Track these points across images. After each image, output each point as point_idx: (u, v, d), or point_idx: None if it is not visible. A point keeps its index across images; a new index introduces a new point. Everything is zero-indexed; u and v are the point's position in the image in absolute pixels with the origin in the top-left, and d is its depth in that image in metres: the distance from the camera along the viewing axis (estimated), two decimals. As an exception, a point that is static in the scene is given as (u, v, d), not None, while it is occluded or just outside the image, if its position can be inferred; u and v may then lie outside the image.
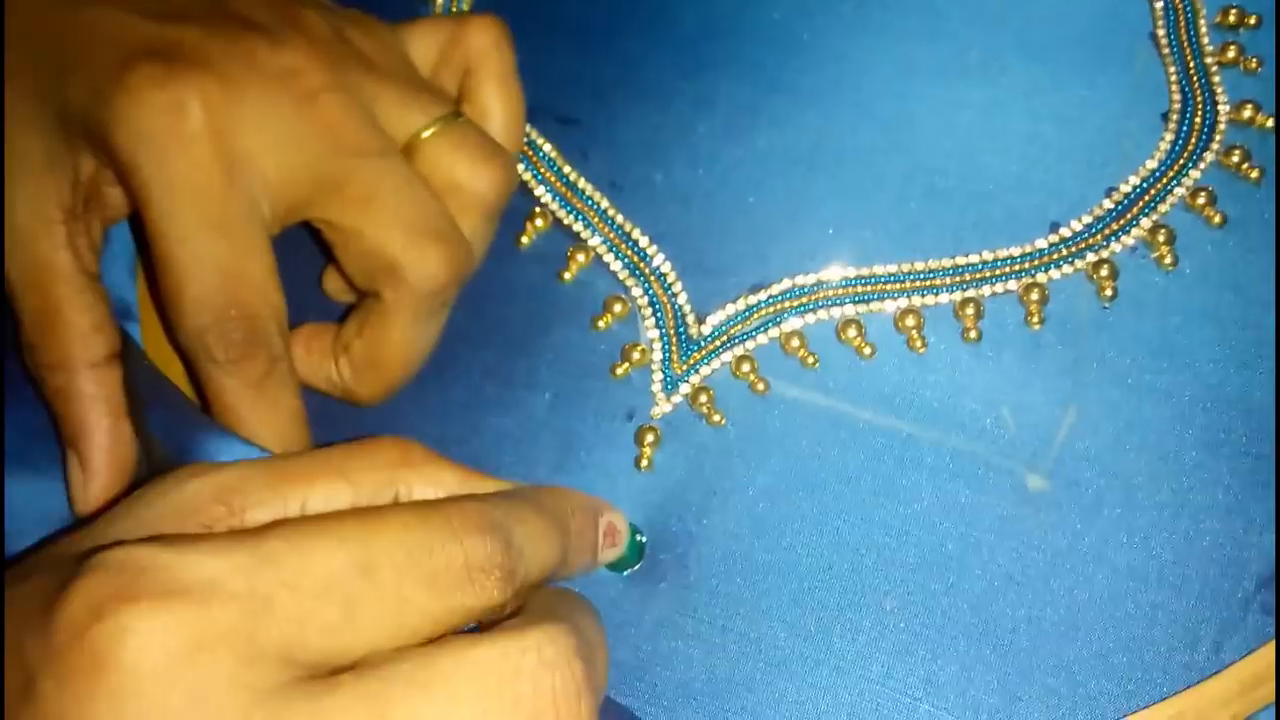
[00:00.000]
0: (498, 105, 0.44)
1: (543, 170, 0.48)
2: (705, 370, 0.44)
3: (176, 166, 0.35)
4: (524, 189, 0.48)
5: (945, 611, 0.39)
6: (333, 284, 0.45)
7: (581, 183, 0.48)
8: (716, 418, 0.43)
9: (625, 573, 0.40)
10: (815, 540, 0.40)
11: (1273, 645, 0.36)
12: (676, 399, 0.43)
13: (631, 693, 0.39)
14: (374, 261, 0.39)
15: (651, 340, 0.44)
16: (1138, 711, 0.36)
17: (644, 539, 0.41)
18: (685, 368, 0.44)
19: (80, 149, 0.38)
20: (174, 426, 0.40)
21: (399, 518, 0.28)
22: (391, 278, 0.39)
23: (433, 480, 0.32)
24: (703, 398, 0.43)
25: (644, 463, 0.42)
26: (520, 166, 0.48)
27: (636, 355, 0.44)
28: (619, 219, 0.47)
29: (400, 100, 0.40)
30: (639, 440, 0.42)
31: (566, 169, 0.48)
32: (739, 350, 0.44)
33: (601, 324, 0.45)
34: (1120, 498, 0.40)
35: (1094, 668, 0.38)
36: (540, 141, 0.49)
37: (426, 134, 0.40)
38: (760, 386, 0.43)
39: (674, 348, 0.44)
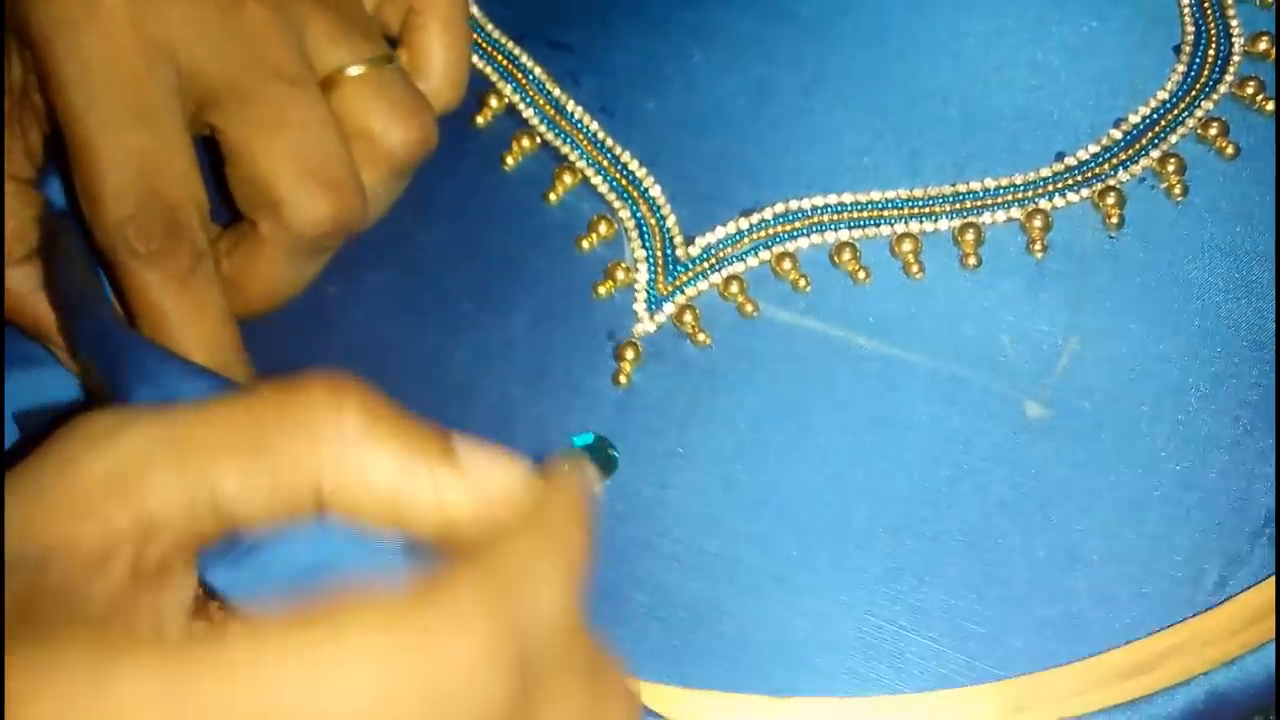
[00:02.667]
0: (438, 49, 0.43)
1: (531, 92, 0.47)
2: (692, 291, 0.42)
3: (94, 47, 0.34)
4: (511, 111, 0.47)
5: (935, 538, 0.37)
6: None
7: (571, 105, 0.46)
8: (701, 337, 0.41)
9: (595, 487, 0.39)
10: (800, 465, 0.38)
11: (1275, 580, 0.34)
12: (660, 318, 0.42)
13: (601, 614, 0.37)
14: (258, 190, 0.37)
15: (637, 260, 0.43)
16: (1137, 640, 0.34)
17: (617, 454, 0.39)
18: (671, 288, 0.42)
19: (11, 50, 0.37)
20: (103, 342, 0.38)
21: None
22: (272, 212, 0.36)
23: (362, 476, 0.25)
24: (688, 316, 0.41)
25: (622, 379, 0.40)
26: (508, 89, 0.47)
27: (620, 274, 0.42)
28: (609, 142, 0.45)
29: (331, 32, 0.39)
30: (618, 357, 0.41)
31: (556, 92, 0.47)
32: (728, 271, 0.42)
33: (586, 244, 0.43)
34: (1123, 428, 0.38)
35: (1091, 599, 0.35)
36: (530, 64, 0.47)
37: (351, 72, 0.39)
38: (749, 308, 0.41)
39: (660, 268, 0.42)
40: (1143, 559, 0.36)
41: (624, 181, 0.44)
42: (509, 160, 0.46)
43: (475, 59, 0.48)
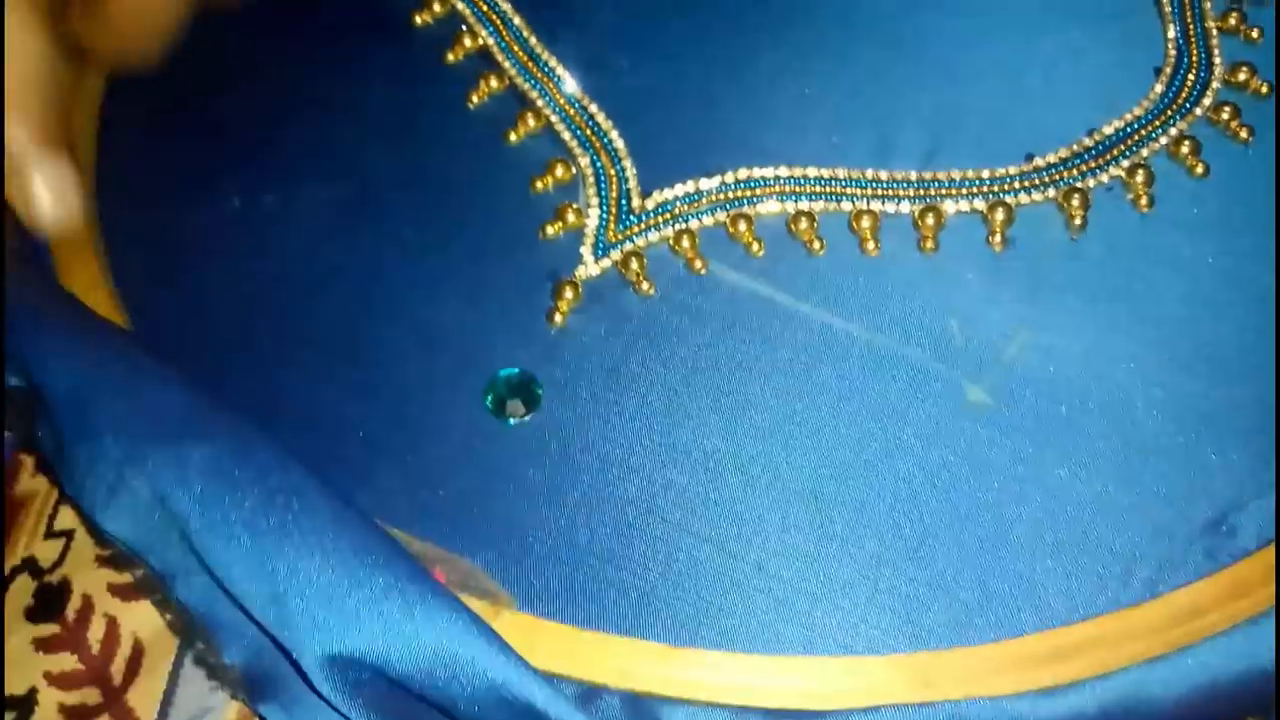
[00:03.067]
0: None
1: (507, 39, 0.46)
2: (641, 241, 0.41)
3: None
4: (484, 54, 0.46)
5: (860, 508, 0.35)
6: None
7: (546, 55, 0.46)
8: (645, 286, 0.39)
9: (513, 421, 0.37)
10: (727, 422, 0.37)
11: (1213, 579, 0.32)
12: (605, 264, 0.40)
13: (505, 553, 0.35)
14: None
15: (590, 204, 0.41)
16: (1056, 628, 0.32)
17: (541, 391, 0.37)
18: (621, 237, 0.41)
19: None
20: None
21: None
22: None
23: None
24: (634, 263, 0.40)
25: (557, 318, 0.39)
26: (484, 31, 0.46)
27: (571, 217, 0.41)
28: (578, 94, 0.44)
29: None
30: (556, 295, 0.39)
31: (533, 41, 0.46)
32: (681, 227, 0.41)
33: (540, 185, 0.42)
34: (1067, 424, 0.36)
35: (1014, 588, 0.34)
36: (510, 12, 0.47)
37: None
38: (698, 264, 0.40)
39: (612, 216, 0.41)
40: (1072, 554, 0.34)
41: (588, 131, 0.43)
42: (474, 98, 0.45)
43: (455, 0, 0.47)
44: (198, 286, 0.40)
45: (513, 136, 0.43)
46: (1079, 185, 0.41)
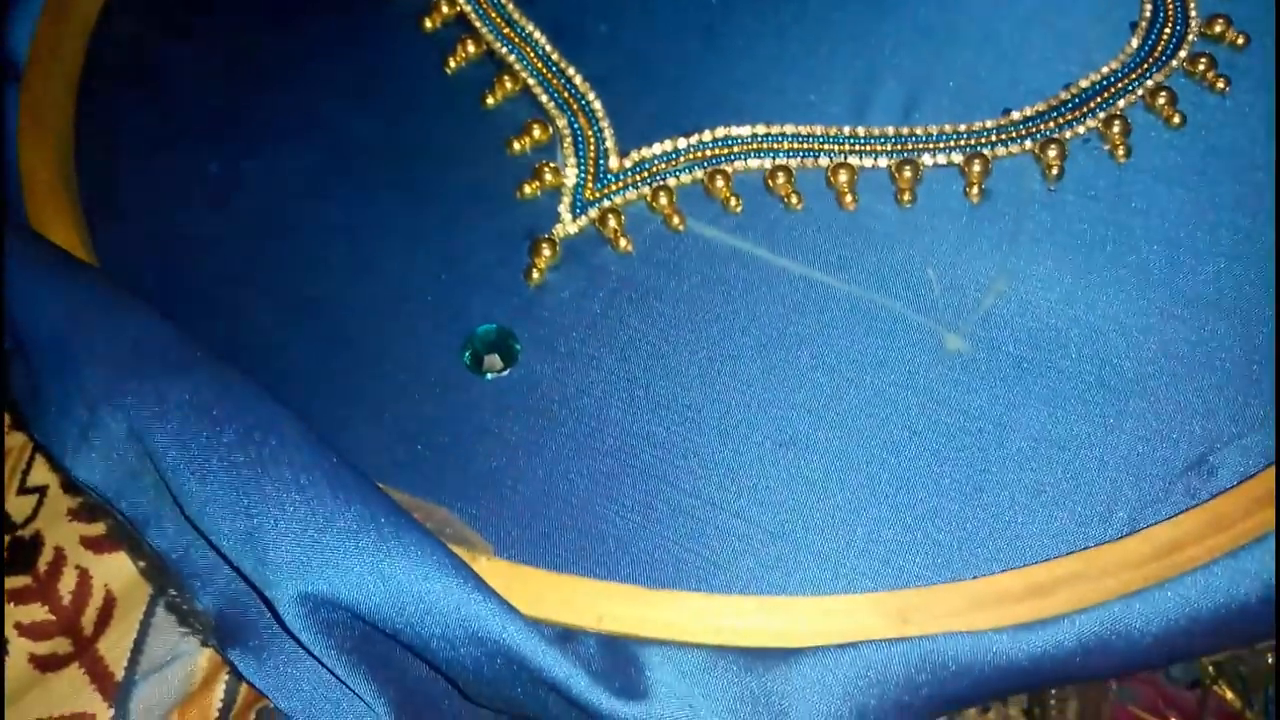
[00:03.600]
0: None
1: (484, 5, 0.46)
2: (619, 200, 0.41)
3: None
4: (462, 19, 0.46)
5: (838, 455, 0.35)
6: None
7: (523, 20, 0.46)
8: (623, 243, 0.39)
9: (490, 376, 0.37)
10: (706, 373, 0.37)
11: (1192, 513, 0.32)
12: (583, 221, 0.40)
13: (481, 503, 0.35)
14: None
15: (567, 162, 0.41)
16: (1035, 564, 0.32)
17: (519, 347, 0.37)
18: (599, 195, 0.41)
19: None
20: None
21: None
22: None
23: None
24: (612, 220, 0.40)
25: (535, 275, 0.39)
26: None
27: (549, 176, 0.41)
28: (555, 57, 0.45)
29: None
30: (534, 253, 0.39)
31: (510, 6, 0.46)
32: (659, 184, 0.41)
33: (517, 146, 0.42)
34: (1045, 369, 0.36)
35: (993, 528, 0.33)
36: (488, -20, 0.47)
37: None
38: (675, 221, 0.40)
39: (590, 175, 0.41)
40: (1053, 495, 0.34)
41: (565, 94, 0.43)
42: (451, 63, 0.45)
43: (433, -29, 0.47)
44: (174, 245, 0.40)
45: (490, 100, 0.43)
46: (1056, 137, 0.41)
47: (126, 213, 0.42)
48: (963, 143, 0.41)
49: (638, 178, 0.41)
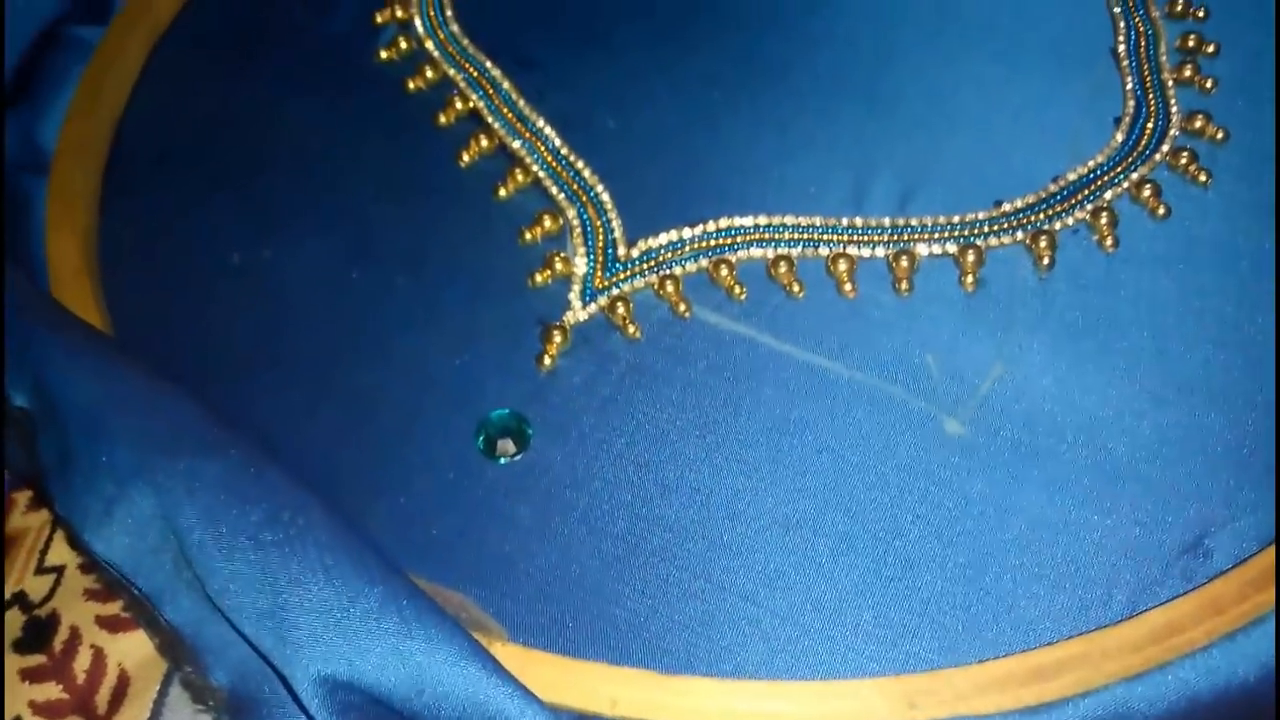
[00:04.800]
0: None
1: (497, 102, 0.48)
2: (627, 287, 0.42)
3: None
4: (475, 116, 0.48)
5: (844, 539, 0.36)
6: None
7: (534, 116, 0.48)
8: (632, 329, 0.41)
9: (503, 460, 0.38)
10: (713, 458, 0.38)
11: (1190, 597, 0.33)
12: (592, 309, 0.42)
13: (494, 586, 0.35)
14: None
15: (577, 252, 0.43)
16: (1038, 648, 0.32)
17: (531, 431, 0.38)
18: (608, 283, 0.42)
19: None
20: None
21: None
22: None
23: None
24: (620, 308, 0.41)
25: (546, 361, 0.40)
26: (474, 95, 0.48)
27: (559, 265, 0.43)
28: (565, 151, 0.46)
29: None
30: (545, 339, 0.40)
31: (521, 103, 0.48)
32: (665, 272, 0.42)
33: (529, 236, 0.44)
34: (1041, 453, 0.38)
35: (996, 611, 0.34)
36: (499, 77, 0.49)
37: None
38: (682, 308, 0.41)
39: (599, 264, 0.43)
40: (1054, 579, 0.35)
41: (575, 186, 0.45)
42: (465, 157, 0.47)
43: (447, 67, 0.50)
44: (195, 331, 0.42)
45: (502, 192, 0.45)
46: (1046, 228, 0.43)
47: (149, 300, 0.43)
48: (956, 233, 0.43)
49: (645, 266, 0.43)
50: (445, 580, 0.35)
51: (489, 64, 0.50)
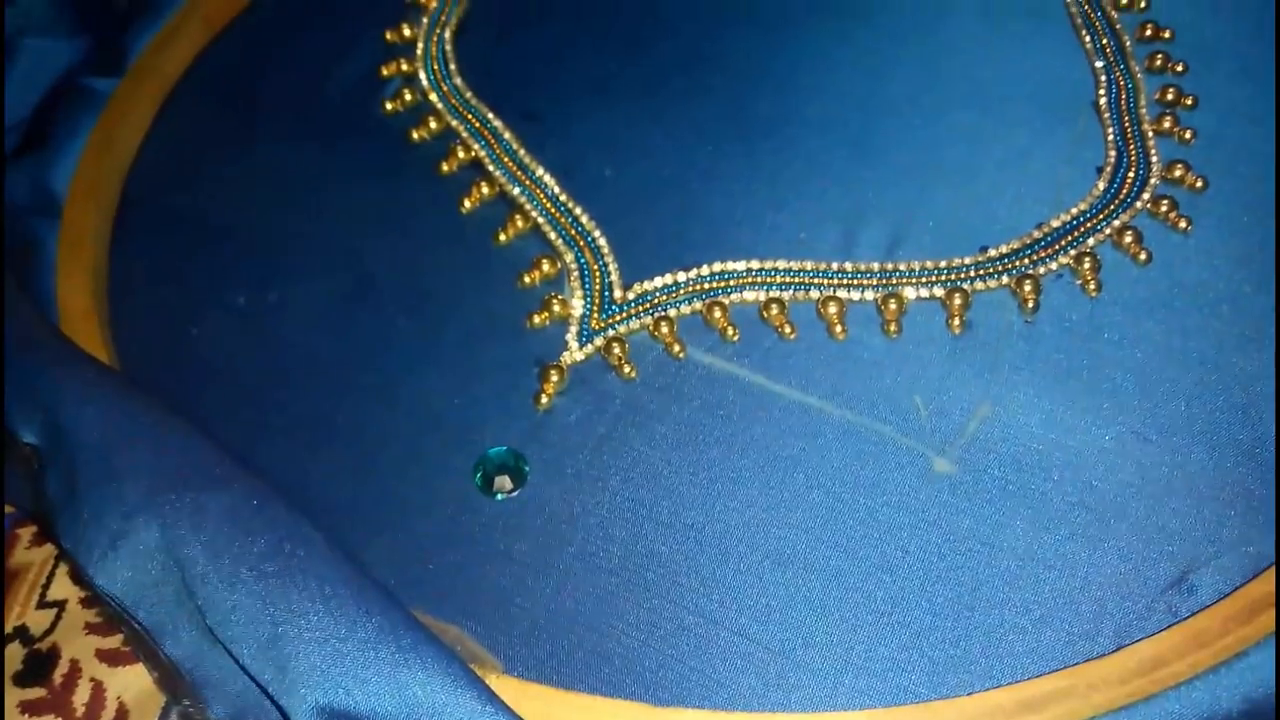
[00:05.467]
0: None
1: (498, 152, 0.50)
2: (623, 329, 0.43)
3: None
4: (476, 164, 0.49)
5: (835, 575, 0.36)
6: None
7: (534, 165, 0.49)
8: (628, 369, 0.42)
9: (500, 497, 0.38)
10: (706, 494, 0.39)
11: (1174, 631, 0.33)
12: (589, 349, 0.43)
13: (491, 622, 0.36)
14: None
15: (574, 294, 0.44)
16: (1025, 681, 0.33)
17: (528, 468, 0.39)
18: (604, 325, 0.43)
19: None
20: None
21: None
22: None
23: None
24: (616, 349, 0.42)
25: (544, 400, 0.41)
26: (477, 146, 0.50)
27: (556, 307, 0.44)
28: (563, 198, 0.48)
29: None
30: (542, 379, 0.41)
31: (522, 153, 0.50)
32: (660, 314, 0.43)
33: (528, 279, 0.45)
34: (1028, 491, 0.38)
35: (985, 645, 0.35)
36: (501, 128, 0.51)
37: None
38: (676, 349, 0.42)
39: (596, 306, 0.44)
40: (1040, 612, 0.35)
41: (573, 232, 0.46)
42: (466, 203, 0.48)
43: (450, 118, 0.51)
44: (200, 370, 0.43)
45: (502, 237, 0.46)
46: (1030, 273, 0.44)
47: (156, 340, 0.44)
48: (943, 277, 0.44)
49: (640, 309, 0.44)
50: (442, 614, 0.36)
51: (491, 115, 0.51)
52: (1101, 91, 0.51)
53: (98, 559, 0.32)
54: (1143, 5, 0.55)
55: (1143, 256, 0.45)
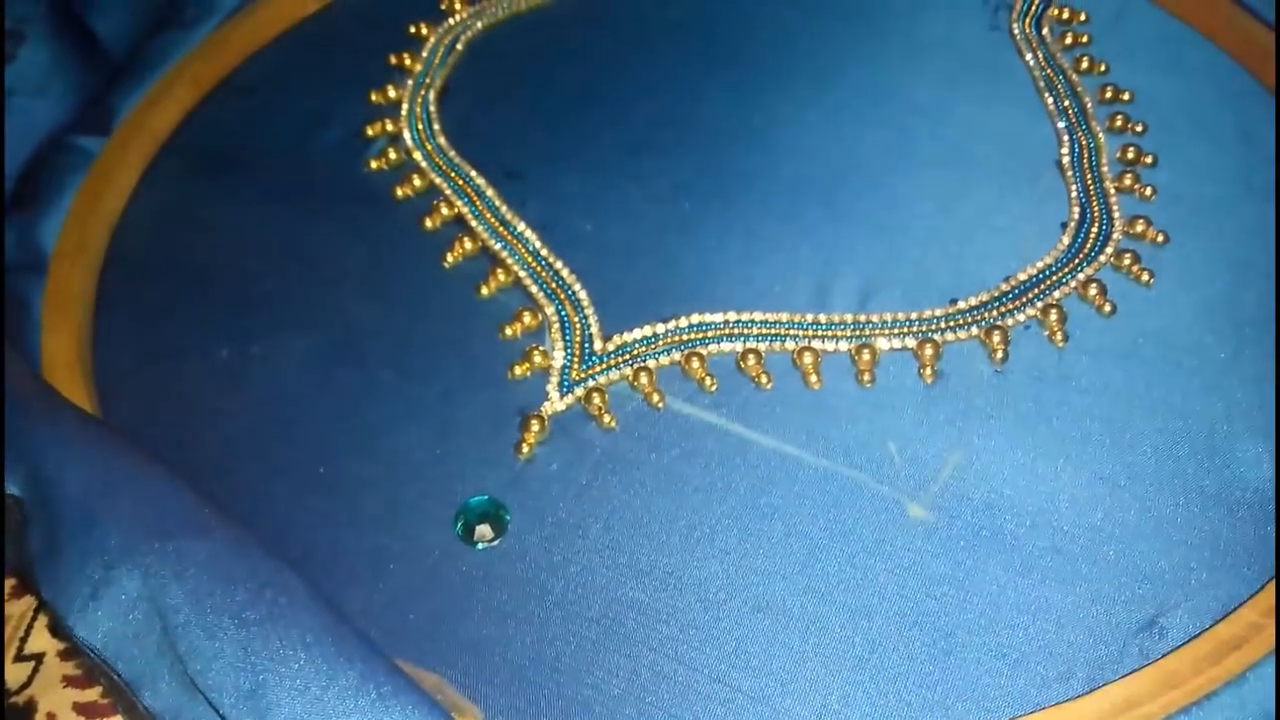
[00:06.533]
0: None
1: (481, 208, 0.51)
2: (603, 379, 0.44)
3: None
4: (459, 220, 0.51)
5: (813, 621, 0.37)
6: None
7: (516, 221, 0.50)
8: (607, 419, 0.42)
9: (481, 546, 0.39)
10: (685, 542, 0.39)
11: (1146, 673, 0.34)
12: (570, 399, 0.43)
13: (470, 671, 0.36)
14: None
15: (555, 346, 0.45)
16: (1001, 724, 0.33)
17: (509, 517, 0.39)
18: (584, 375, 0.44)
19: None
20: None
21: None
22: None
23: None
24: (596, 399, 0.43)
25: (525, 450, 0.41)
26: (460, 203, 0.51)
27: (538, 358, 0.44)
28: (544, 252, 0.49)
29: None
30: (523, 429, 0.42)
31: (504, 210, 0.51)
32: (639, 365, 0.44)
33: (509, 331, 0.46)
34: (1002, 536, 0.39)
35: (960, 689, 0.35)
36: (484, 185, 0.52)
37: None
38: (655, 398, 0.43)
39: (576, 357, 0.45)
40: (1014, 656, 0.36)
41: (553, 285, 0.47)
42: (449, 258, 0.49)
43: (434, 176, 0.52)
44: (184, 422, 0.43)
45: (484, 290, 0.47)
46: (999, 324, 0.45)
47: (139, 392, 0.44)
48: (915, 329, 0.45)
49: (620, 359, 0.45)
50: (423, 663, 0.36)
51: (473, 173, 0.52)
52: (1064, 151, 0.53)
53: (78, 609, 0.32)
54: (1103, 68, 0.57)
55: (1107, 308, 0.46)
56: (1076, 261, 0.48)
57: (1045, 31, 0.59)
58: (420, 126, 0.55)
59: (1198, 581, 0.38)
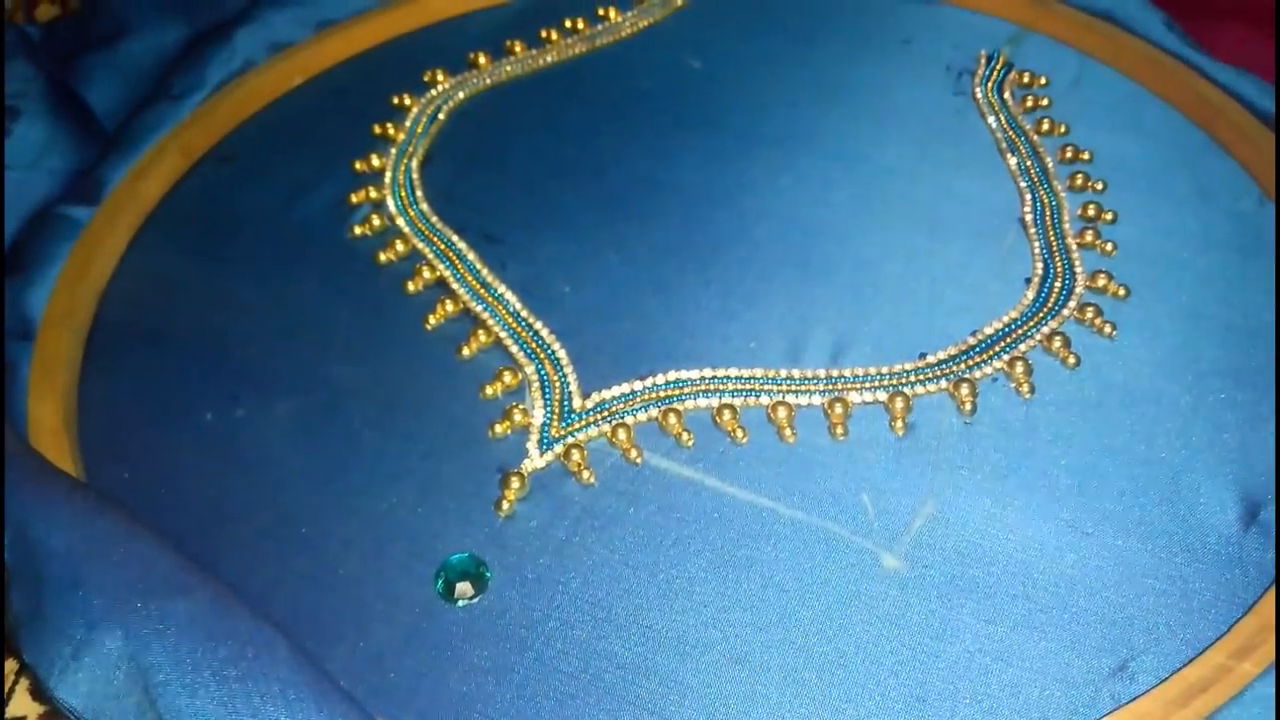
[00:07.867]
0: None
1: (462, 271, 0.52)
2: (582, 436, 0.45)
3: None
4: (441, 284, 0.52)
5: (790, 673, 0.37)
6: None
7: (495, 282, 0.51)
8: (586, 475, 0.43)
9: (461, 603, 0.39)
10: (665, 595, 0.40)
11: (1118, 715, 0.34)
12: (549, 456, 0.44)
13: (449, 726, 0.36)
14: None
15: (535, 404, 0.46)
16: (975, 770, 0.34)
17: (489, 574, 0.40)
18: (564, 433, 0.45)
19: None
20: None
21: None
22: None
23: None
24: (575, 455, 0.44)
25: (505, 506, 0.42)
26: (441, 266, 0.52)
27: (518, 416, 0.45)
28: (524, 312, 0.50)
29: None
30: (503, 486, 0.43)
31: (485, 273, 0.52)
32: (618, 422, 0.45)
33: (490, 390, 0.47)
34: (973, 584, 0.40)
35: (937, 737, 0.36)
36: (464, 249, 0.53)
37: None
38: (634, 454, 0.44)
39: (556, 415, 0.46)
40: (990, 704, 0.36)
41: (533, 345, 0.49)
42: (431, 319, 0.50)
43: (416, 241, 0.54)
44: (167, 484, 0.43)
45: (465, 351, 0.48)
46: (967, 377, 0.46)
47: (125, 456, 0.45)
48: (885, 382, 0.46)
49: (599, 417, 0.45)
50: (403, 720, 0.36)
51: (455, 238, 0.54)
52: (1027, 209, 0.54)
53: (59, 671, 0.32)
54: (1063, 129, 0.59)
55: (1071, 360, 0.47)
56: (1041, 315, 0.49)
57: (1007, 95, 0.61)
58: (403, 193, 0.56)
59: (1165, 626, 0.38)
